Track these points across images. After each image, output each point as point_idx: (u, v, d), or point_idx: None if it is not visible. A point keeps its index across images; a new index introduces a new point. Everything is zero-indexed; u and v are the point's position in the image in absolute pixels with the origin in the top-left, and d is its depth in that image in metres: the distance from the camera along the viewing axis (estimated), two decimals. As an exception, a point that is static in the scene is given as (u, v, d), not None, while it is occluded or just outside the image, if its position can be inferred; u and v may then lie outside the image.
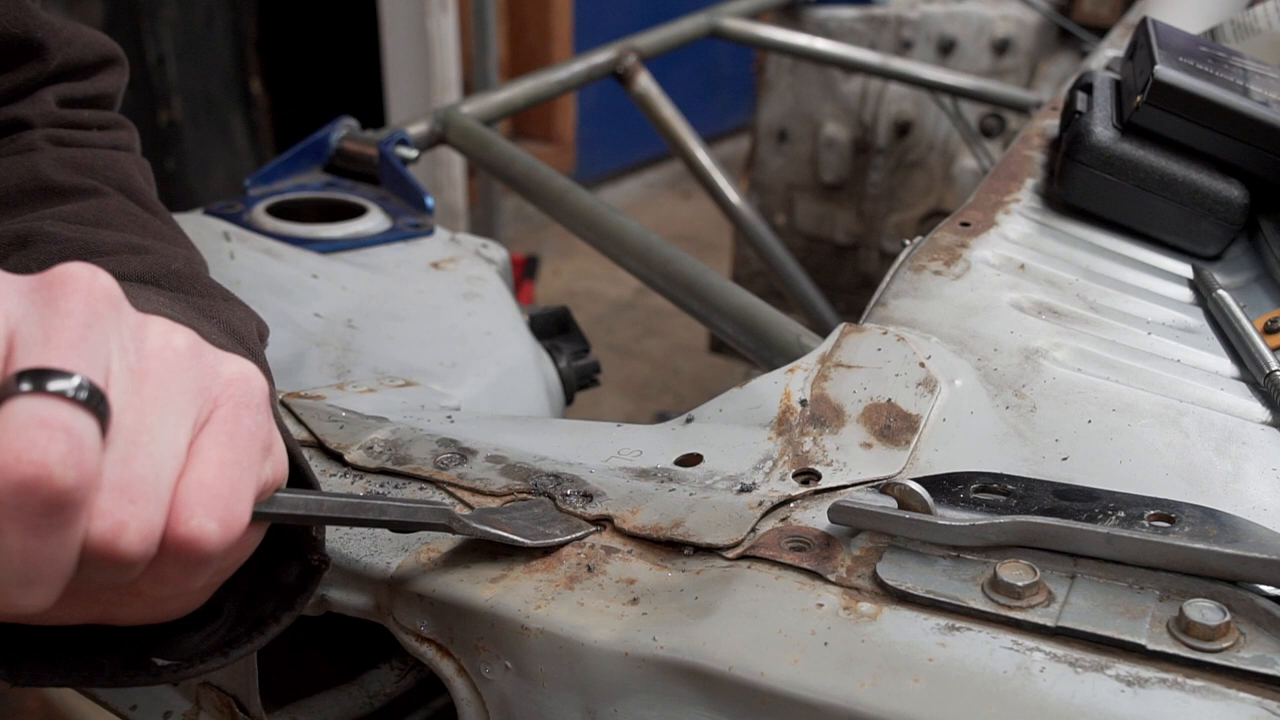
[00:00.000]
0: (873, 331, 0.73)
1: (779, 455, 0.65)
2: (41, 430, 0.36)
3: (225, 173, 3.60)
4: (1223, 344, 0.76)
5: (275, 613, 0.52)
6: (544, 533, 0.59)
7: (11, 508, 0.36)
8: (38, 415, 0.37)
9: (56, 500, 0.37)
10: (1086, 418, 0.67)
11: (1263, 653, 0.48)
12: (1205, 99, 0.89)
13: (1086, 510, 0.55)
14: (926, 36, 2.36)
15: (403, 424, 0.72)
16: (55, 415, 0.37)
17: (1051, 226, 0.92)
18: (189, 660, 0.50)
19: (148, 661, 0.49)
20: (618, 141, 4.84)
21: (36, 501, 0.36)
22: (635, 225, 1.10)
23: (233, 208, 1.07)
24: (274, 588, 0.53)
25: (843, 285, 2.55)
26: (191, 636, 0.50)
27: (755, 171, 2.60)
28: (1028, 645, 0.50)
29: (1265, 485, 0.62)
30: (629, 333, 3.81)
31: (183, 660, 0.50)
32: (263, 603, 0.52)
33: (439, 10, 3.51)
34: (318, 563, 0.53)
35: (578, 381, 1.04)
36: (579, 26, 4.61)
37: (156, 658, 0.49)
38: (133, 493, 0.40)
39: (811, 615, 0.52)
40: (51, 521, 0.37)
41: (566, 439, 0.69)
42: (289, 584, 0.53)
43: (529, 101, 1.51)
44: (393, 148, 1.19)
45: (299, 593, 0.53)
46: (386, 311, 0.94)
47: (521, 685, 0.55)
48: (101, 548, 0.39)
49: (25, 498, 0.36)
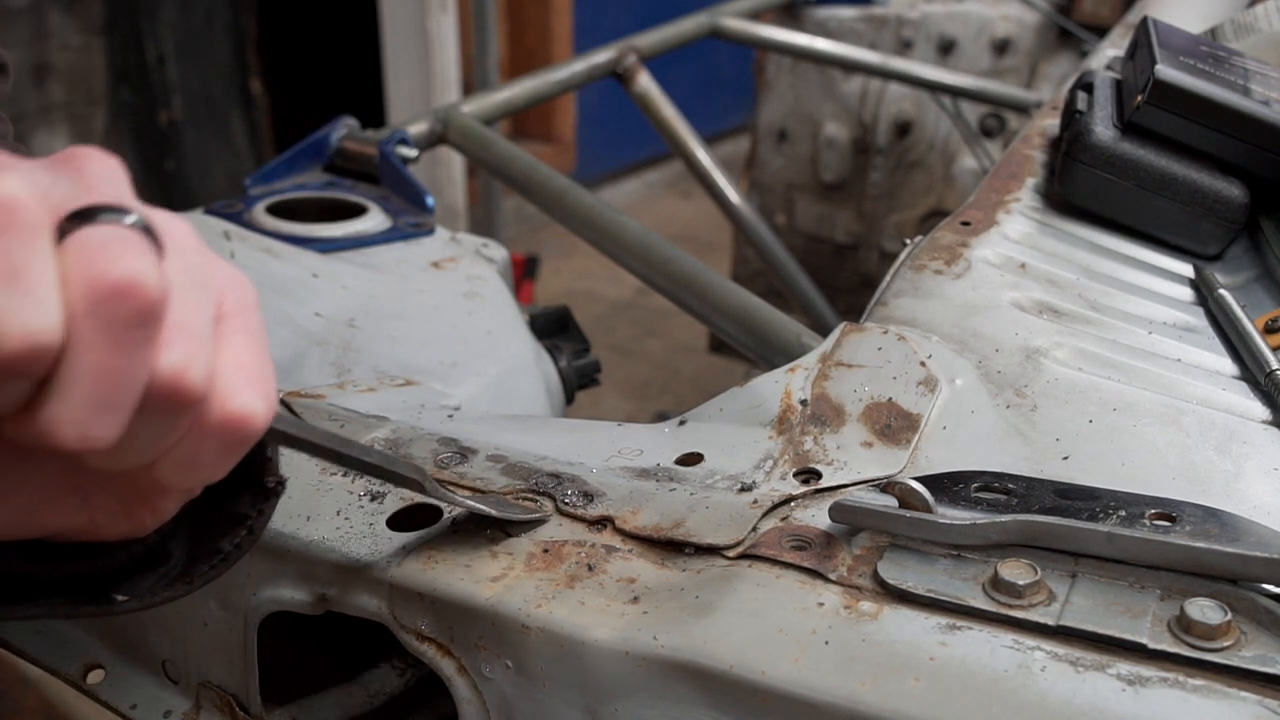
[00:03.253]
0: (873, 331, 0.73)
1: (779, 454, 0.65)
2: (125, 244, 0.36)
3: (225, 172, 3.60)
4: (1223, 343, 0.76)
5: (237, 543, 0.51)
6: (505, 510, 0.60)
7: (101, 319, 0.36)
8: (115, 236, 0.37)
9: (146, 310, 0.36)
10: (1087, 417, 0.67)
11: (1264, 652, 0.48)
12: (1206, 99, 0.89)
13: (1087, 509, 0.55)
14: (926, 36, 2.36)
15: (403, 423, 0.72)
16: (129, 238, 0.37)
17: (1052, 226, 0.92)
18: (151, 591, 0.49)
19: (107, 595, 0.49)
20: (618, 141, 4.84)
21: (128, 310, 0.36)
22: (635, 225, 1.09)
23: (233, 207, 1.07)
24: (228, 520, 0.52)
25: (843, 285, 2.55)
26: (147, 576, 0.50)
27: (755, 171, 2.60)
28: (1028, 644, 0.50)
29: (1266, 484, 0.62)
30: (629, 333, 3.81)
31: (141, 594, 0.49)
32: (218, 536, 0.52)
33: (439, 10, 3.50)
34: (274, 485, 0.52)
35: (578, 381, 1.04)
36: (579, 26, 4.60)
37: (114, 594, 0.49)
38: (191, 332, 0.39)
39: (812, 614, 0.52)
40: (136, 336, 0.37)
41: (567, 438, 0.69)
42: (241, 513, 0.52)
43: (529, 101, 1.51)
44: (393, 147, 1.19)
45: (257, 519, 0.52)
46: (387, 311, 0.94)
47: (522, 684, 0.55)
48: (169, 381, 0.38)
49: (117, 306, 0.36)
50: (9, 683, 2.14)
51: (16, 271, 0.35)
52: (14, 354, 0.35)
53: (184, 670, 0.70)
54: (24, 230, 0.35)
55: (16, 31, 2.98)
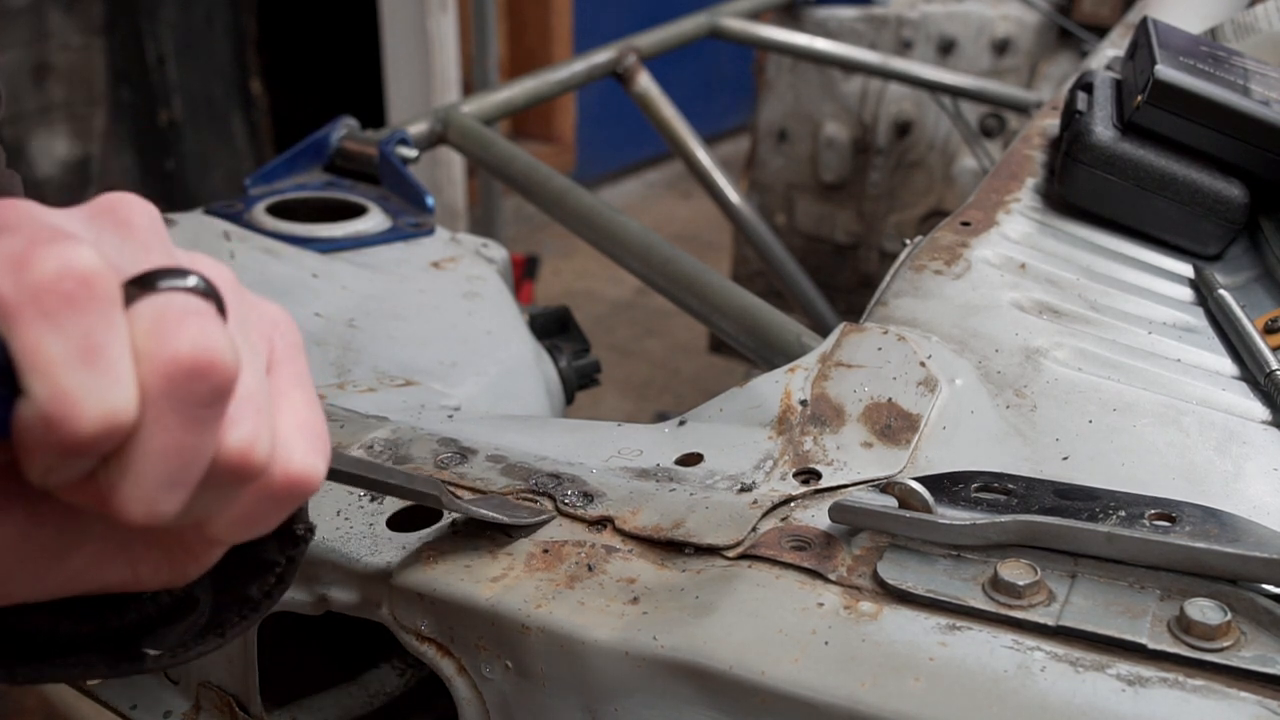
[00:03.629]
0: (873, 331, 0.73)
1: (779, 455, 0.65)
2: (197, 317, 0.35)
3: (225, 172, 3.60)
4: (1223, 343, 0.76)
5: (267, 590, 0.51)
6: (515, 515, 0.60)
7: (176, 399, 0.35)
8: (184, 306, 0.35)
9: (222, 388, 0.35)
10: (1087, 417, 0.67)
11: (1263, 652, 0.48)
12: (1206, 99, 0.89)
13: (1087, 509, 0.55)
14: (926, 36, 2.35)
15: (403, 423, 0.72)
16: (197, 306, 0.36)
17: (1052, 226, 0.92)
18: (183, 645, 0.49)
19: (138, 651, 0.48)
20: (618, 141, 4.84)
21: (204, 390, 0.35)
22: (635, 225, 1.09)
23: (233, 207, 1.07)
24: (256, 566, 0.51)
25: (843, 285, 2.55)
26: (173, 628, 0.49)
27: (755, 171, 2.60)
28: (1028, 644, 0.50)
29: (1266, 485, 0.62)
30: (629, 333, 3.81)
31: (174, 647, 0.49)
32: (246, 583, 0.51)
33: (439, 10, 3.50)
34: (304, 532, 0.51)
35: (578, 381, 1.04)
36: (579, 26, 4.60)
37: (145, 649, 0.49)
38: (255, 403, 0.38)
39: (812, 614, 0.52)
40: (209, 413, 0.36)
41: (567, 439, 0.69)
42: (269, 560, 0.51)
43: (529, 101, 1.51)
44: (393, 147, 1.19)
45: (287, 565, 0.51)
46: (387, 311, 0.94)
47: (522, 684, 0.55)
48: (237, 457, 0.38)
49: (194, 386, 0.35)
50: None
51: (95, 350, 0.34)
52: (91, 436, 0.34)
53: (184, 670, 0.70)
54: (101, 305, 0.34)
55: (16, 31, 2.98)
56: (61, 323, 0.34)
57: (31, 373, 0.33)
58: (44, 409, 0.33)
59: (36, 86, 3.06)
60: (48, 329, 0.33)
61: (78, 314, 0.34)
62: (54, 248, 0.34)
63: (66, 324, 0.34)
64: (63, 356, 0.33)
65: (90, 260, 0.34)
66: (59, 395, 0.33)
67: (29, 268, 0.33)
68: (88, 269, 0.34)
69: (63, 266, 0.34)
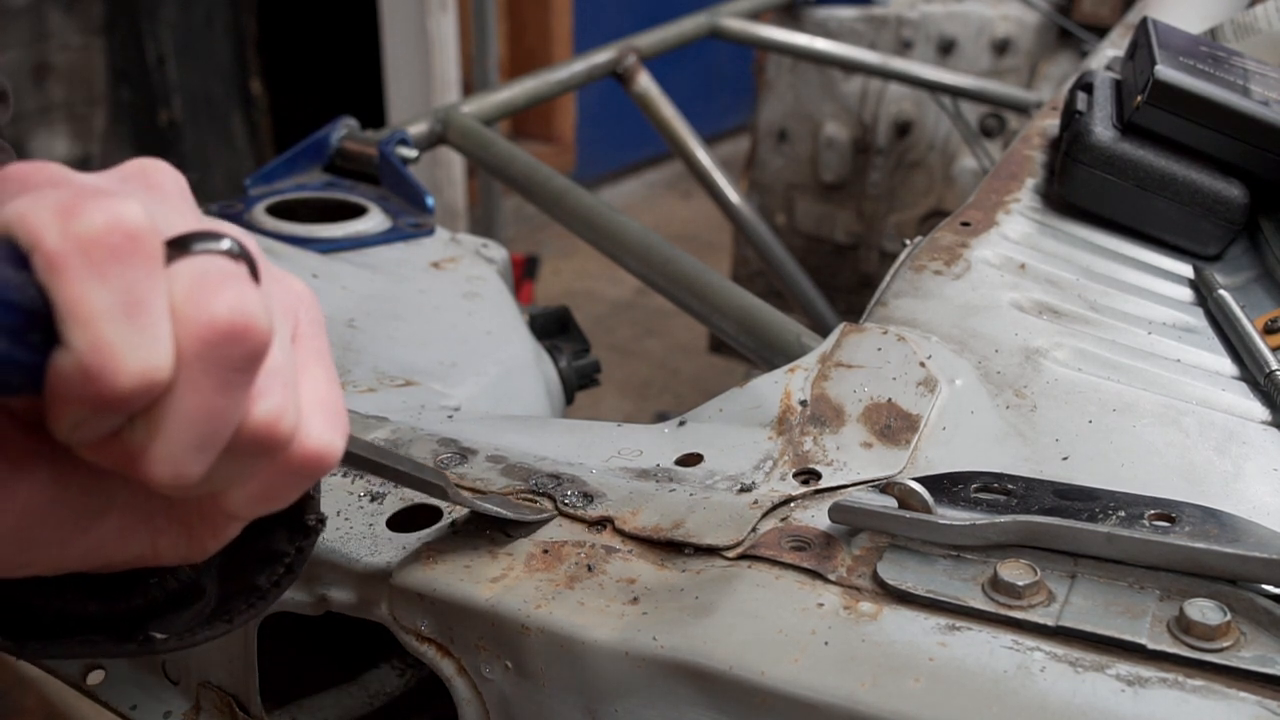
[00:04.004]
0: (873, 331, 0.73)
1: (779, 455, 0.65)
2: (234, 281, 0.35)
3: (225, 173, 3.60)
4: (1223, 344, 0.76)
5: (275, 580, 0.51)
6: (517, 512, 0.60)
7: (211, 361, 0.35)
8: (221, 269, 0.35)
9: (256, 352, 0.35)
10: (1087, 417, 0.67)
11: (1263, 652, 0.48)
12: (1205, 99, 0.89)
13: (1087, 510, 0.55)
14: (926, 36, 2.35)
15: (403, 423, 0.72)
16: (234, 269, 0.36)
17: (1052, 226, 0.92)
18: (190, 630, 0.49)
19: (146, 634, 0.48)
20: (618, 141, 4.84)
21: (239, 353, 0.35)
22: (635, 225, 1.09)
23: (233, 207, 1.07)
24: (264, 556, 0.51)
25: (843, 285, 2.55)
26: (180, 614, 0.49)
27: (755, 171, 2.60)
28: (1028, 645, 0.50)
29: (1265, 485, 0.62)
30: (629, 333, 3.81)
31: (181, 632, 0.48)
32: (254, 572, 0.51)
33: (439, 10, 3.50)
34: (315, 523, 0.51)
35: (578, 381, 1.04)
36: (579, 26, 4.60)
37: (153, 632, 0.48)
38: (282, 376, 0.38)
39: (812, 615, 0.52)
40: (242, 379, 0.36)
41: (566, 439, 0.69)
42: (279, 550, 0.51)
43: (529, 101, 1.51)
44: (393, 147, 1.19)
45: (296, 556, 0.51)
46: (386, 311, 0.94)
47: (522, 685, 0.55)
48: (263, 428, 0.37)
49: (229, 349, 0.35)
50: (9, 683, 2.14)
51: (138, 304, 0.34)
52: (128, 390, 0.34)
53: (184, 670, 0.70)
54: (147, 260, 0.34)
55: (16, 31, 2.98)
56: (107, 275, 0.33)
57: (73, 323, 0.33)
58: (83, 360, 0.33)
59: (36, 86, 3.07)
60: (93, 280, 0.33)
61: (124, 267, 0.34)
62: (103, 200, 0.34)
63: (112, 277, 0.33)
64: (106, 309, 0.33)
65: (139, 215, 0.34)
66: (100, 347, 0.33)
67: (77, 218, 0.33)
68: (136, 223, 0.34)
69: (112, 219, 0.34)
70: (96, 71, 3.22)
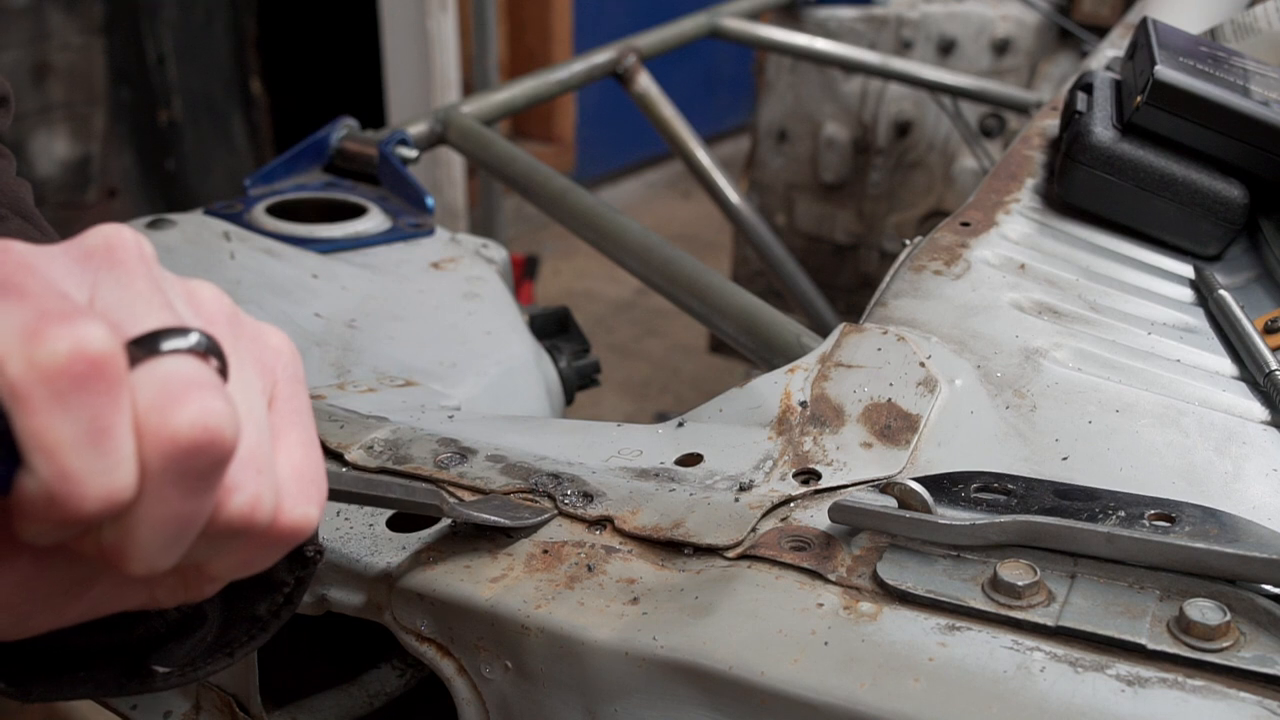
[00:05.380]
0: (873, 331, 0.73)
1: (779, 455, 0.65)
2: (198, 390, 0.35)
3: (225, 173, 3.60)
4: (1223, 344, 0.76)
5: (275, 610, 0.51)
6: (517, 517, 0.60)
7: (177, 473, 0.35)
8: (186, 375, 0.35)
9: (222, 460, 0.36)
10: (1087, 418, 0.67)
11: (1263, 652, 0.48)
12: (1205, 99, 0.89)
13: (1087, 510, 0.55)
14: (926, 36, 2.35)
15: (403, 424, 0.72)
16: (199, 373, 0.36)
17: (1051, 226, 0.92)
18: (191, 664, 0.49)
19: (148, 669, 0.48)
20: (618, 141, 4.84)
21: (205, 464, 0.35)
22: (635, 225, 1.09)
23: (233, 208, 1.07)
24: (264, 585, 0.52)
25: (843, 285, 2.55)
26: (182, 644, 0.50)
27: (755, 171, 2.60)
28: (1028, 645, 0.50)
29: (1265, 485, 0.62)
30: (629, 333, 3.81)
31: (182, 665, 0.49)
32: (255, 602, 0.51)
33: (439, 10, 3.50)
34: (313, 554, 0.51)
35: (578, 381, 1.04)
36: (579, 26, 4.60)
37: (154, 665, 0.49)
38: (258, 464, 0.38)
39: (812, 615, 0.52)
40: (210, 482, 0.36)
41: (566, 439, 0.69)
42: (278, 580, 0.51)
43: (529, 101, 1.51)
44: (393, 148, 1.19)
45: (296, 586, 0.52)
46: (387, 311, 0.94)
47: (521, 685, 0.55)
48: (238, 520, 0.38)
49: (196, 460, 0.35)
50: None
51: (102, 432, 0.34)
52: (92, 514, 0.34)
53: (184, 671, 0.70)
54: (111, 386, 0.34)
55: (16, 31, 2.98)
56: (70, 405, 0.33)
57: (37, 452, 0.33)
58: (47, 488, 0.33)
59: (36, 86, 3.06)
60: (56, 411, 0.33)
61: (87, 396, 0.33)
62: (66, 327, 0.33)
63: (75, 407, 0.33)
64: (70, 439, 0.33)
65: (102, 341, 0.34)
66: (63, 476, 0.33)
67: (40, 345, 0.33)
68: (99, 350, 0.33)
69: (75, 349, 0.33)
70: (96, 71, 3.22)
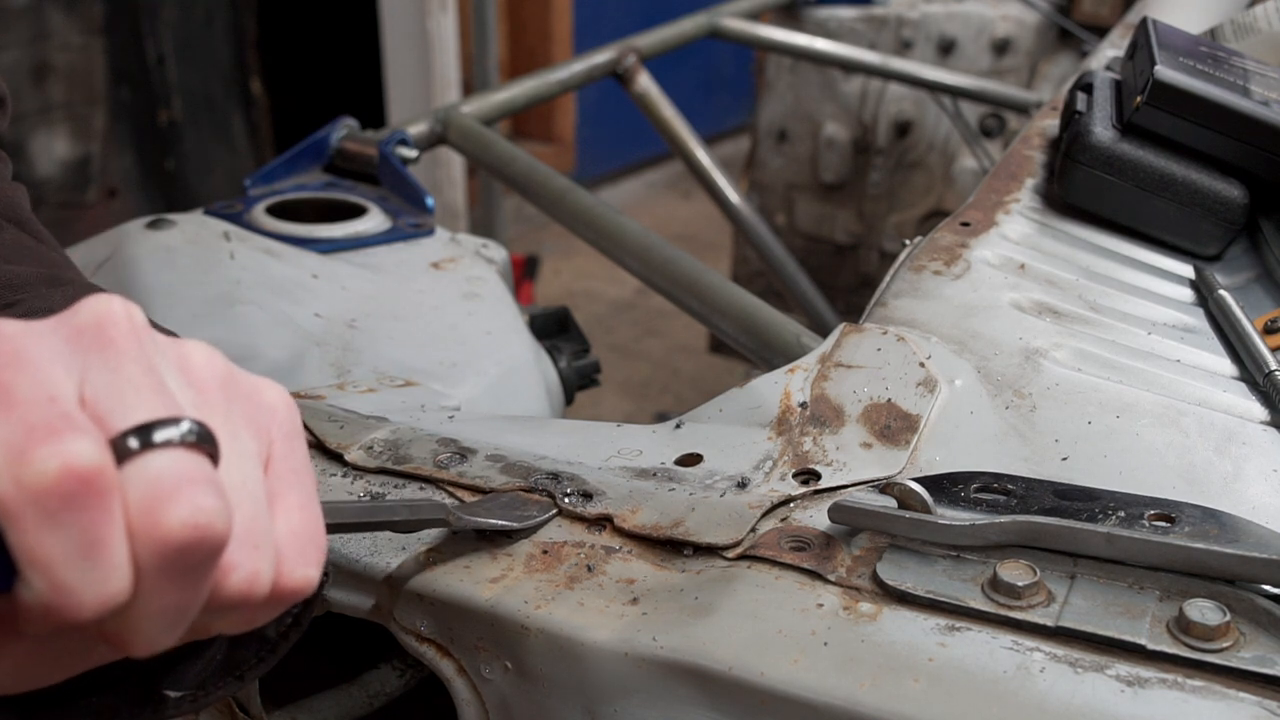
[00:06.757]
0: (873, 331, 0.73)
1: (779, 455, 0.65)
2: (189, 487, 0.35)
3: (225, 173, 3.60)
4: (1223, 344, 0.76)
5: (283, 632, 0.51)
6: (522, 516, 0.60)
7: (173, 570, 0.35)
8: (176, 472, 0.36)
9: (215, 553, 0.36)
10: (1086, 418, 0.67)
11: (1263, 653, 0.48)
12: (1205, 99, 0.89)
13: (1086, 510, 0.55)
14: (926, 36, 2.36)
15: (403, 424, 0.72)
16: (189, 467, 0.36)
17: (1051, 226, 0.92)
18: (202, 688, 0.49)
19: (160, 695, 0.49)
20: (618, 141, 4.84)
21: (199, 558, 0.36)
22: (635, 225, 1.09)
23: (233, 208, 1.07)
24: None
25: (843, 285, 2.55)
26: (192, 665, 0.50)
27: (755, 171, 2.60)
28: (1028, 645, 0.50)
29: (1265, 485, 0.62)
30: (629, 333, 3.81)
31: (194, 689, 0.49)
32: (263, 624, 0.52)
33: (439, 10, 3.50)
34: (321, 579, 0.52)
35: (578, 381, 1.04)
36: (579, 26, 4.60)
37: (166, 690, 0.49)
38: (255, 539, 0.39)
39: (811, 615, 0.52)
40: (205, 572, 0.37)
41: (566, 439, 0.69)
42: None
43: (529, 101, 1.51)
44: (393, 148, 1.19)
45: (304, 608, 0.52)
46: (386, 311, 0.94)
47: (521, 685, 0.55)
48: (238, 599, 0.38)
49: (189, 558, 0.35)
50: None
51: (94, 544, 0.34)
52: (89, 619, 0.35)
53: (184, 671, 0.70)
54: (102, 499, 0.34)
55: (16, 31, 2.98)
56: (61, 522, 0.34)
57: (31, 568, 0.34)
58: (43, 600, 0.34)
59: (36, 86, 3.06)
60: (47, 529, 0.33)
61: (78, 513, 0.34)
62: (54, 445, 0.33)
63: (66, 523, 0.34)
64: (62, 555, 0.34)
65: (90, 456, 0.34)
66: (58, 589, 0.34)
67: (28, 465, 0.33)
68: (89, 466, 0.34)
69: (63, 467, 0.33)
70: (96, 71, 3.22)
